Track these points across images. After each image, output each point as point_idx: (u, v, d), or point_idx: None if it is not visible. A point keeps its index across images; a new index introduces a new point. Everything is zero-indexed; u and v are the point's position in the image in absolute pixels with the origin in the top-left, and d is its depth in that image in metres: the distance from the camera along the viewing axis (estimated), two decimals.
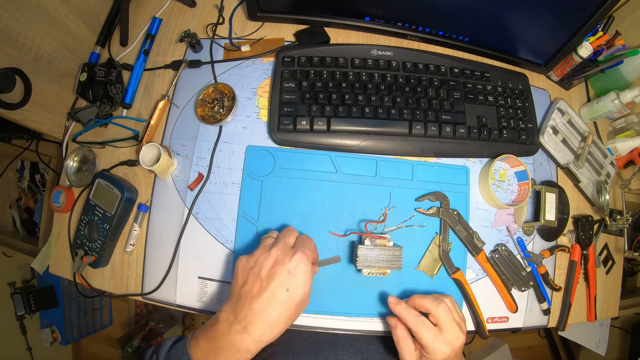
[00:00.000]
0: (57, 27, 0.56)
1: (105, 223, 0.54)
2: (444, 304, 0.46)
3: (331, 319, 0.53)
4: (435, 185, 0.58)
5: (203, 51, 0.63)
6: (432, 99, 0.59)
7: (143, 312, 1.48)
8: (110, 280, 0.56)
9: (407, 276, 0.55)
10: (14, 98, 0.51)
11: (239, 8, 0.66)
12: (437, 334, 0.44)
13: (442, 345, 0.44)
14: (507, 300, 0.56)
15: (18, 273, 1.21)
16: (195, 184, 0.56)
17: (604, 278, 0.65)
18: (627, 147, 0.66)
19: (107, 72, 0.58)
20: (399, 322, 0.47)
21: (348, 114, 0.57)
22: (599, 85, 0.71)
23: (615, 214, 0.62)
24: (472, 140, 0.59)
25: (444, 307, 0.45)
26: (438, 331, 0.44)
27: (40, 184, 1.15)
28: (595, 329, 1.10)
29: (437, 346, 0.43)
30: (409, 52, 0.62)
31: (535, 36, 0.61)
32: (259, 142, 0.58)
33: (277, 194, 0.56)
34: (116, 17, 0.65)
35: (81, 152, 0.59)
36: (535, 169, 0.63)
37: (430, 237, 0.57)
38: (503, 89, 0.62)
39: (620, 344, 1.25)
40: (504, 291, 0.56)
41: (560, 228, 0.59)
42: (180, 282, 0.54)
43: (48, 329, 1.21)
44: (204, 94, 0.59)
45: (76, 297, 1.27)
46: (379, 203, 0.57)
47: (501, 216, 0.60)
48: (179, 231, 0.55)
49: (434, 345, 0.43)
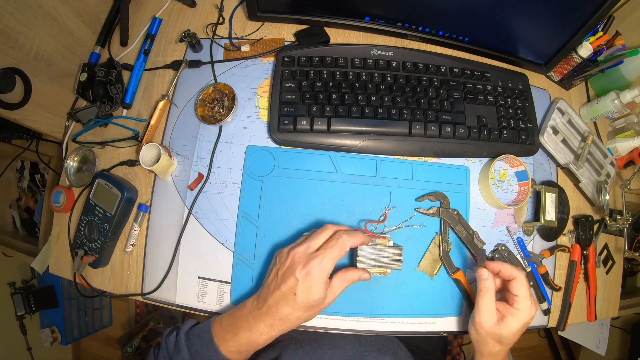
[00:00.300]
0: (57, 27, 0.56)
1: (105, 223, 0.54)
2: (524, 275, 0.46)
3: (331, 319, 0.53)
4: (435, 185, 0.58)
5: (203, 51, 0.63)
6: (432, 99, 0.59)
7: (143, 312, 1.48)
8: (110, 280, 0.56)
9: (407, 276, 0.55)
10: (14, 98, 0.51)
11: (239, 8, 0.66)
12: (531, 293, 0.44)
13: (532, 307, 0.44)
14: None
15: (18, 273, 1.21)
16: (195, 184, 0.56)
17: (604, 278, 0.65)
18: (627, 147, 0.66)
19: (107, 72, 0.58)
20: (490, 275, 0.46)
21: (348, 114, 0.57)
22: (599, 85, 0.71)
23: (615, 214, 0.62)
24: (472, 140, 0.59)
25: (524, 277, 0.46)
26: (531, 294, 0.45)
27: (40, 184, 1.15)
28: (595, 329, 1.10)
29: (530, 304, 0.44)
30: (409, 52, 0.62)
31: (535, 36, 0.61)
32: (259, 142, 0.58)
33: (277, 194, 0.56)
34: (116, 17, 0.65)
35: (81, 152, 0.59)
36: (535, 169, 0.63)
37: (430, 237, 0.57)
38: (503, 89, 0.62)
39: (620, 344, 1.25)
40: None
41: (560, 228, 0.59)
42: (180, 282, 0.54)
43: (48, 329, 1.21)
44: (204, 94, 0.59)
45: (76, 297, 1.27)
46: (379, 203, 0.57)
47: (501, 216, 0.60)
48: (179, 231, 0.55)
49: (527, 300, 0.44)
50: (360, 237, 0.46)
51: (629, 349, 1.21)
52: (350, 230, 0.47)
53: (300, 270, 0.41)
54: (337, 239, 0.44)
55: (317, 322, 0.53)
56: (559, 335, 1.48)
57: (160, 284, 0.54)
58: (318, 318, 0.53)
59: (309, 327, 0.53)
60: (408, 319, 0.54)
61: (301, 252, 0.43)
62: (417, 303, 0.55)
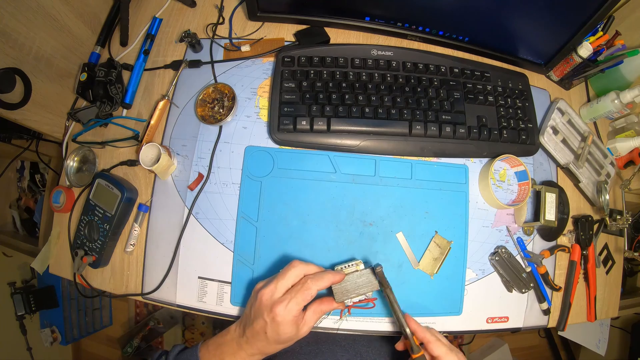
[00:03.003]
0: (57, 27, 0.56)
1: (105, 223, 0.54)
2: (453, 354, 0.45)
3: (331, 319, 0.53)
4: (434, 184, 0.58)
5: (203, 51, 0.63)
6: (432, 99, 0.59)
7: (143, 312, 1.48)
8: (110, 280, 0.56)
9: (407, 275, 0.55)
10: (14, 98, 0.51)
11: (239, 8, 0.66)
12: (451, 350, 0.45)
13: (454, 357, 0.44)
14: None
15: (18, 273, 1.21)
16: (195, 184, 0.56)
17: (604, 278, 0.65)
18: (627, 147, 0.66)
19: (107, 72, 0.58)
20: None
21: (348, 114, 0.57)
22: (599, 85, 0.71)
23: (615, 214, 0.62)
24: (472, 140, 0.59)
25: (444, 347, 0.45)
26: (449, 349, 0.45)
27: (40, 184, 1.15)
28: (595, 329, 1.10)
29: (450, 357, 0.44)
30: (409, 52, 0.62)
31: (535, 36, 0.61)
32: (259, 142, 0.58)
33: (276, 194, 0.56)
34: (116, 17, 0.65)
35: (81, 152, 0.59)
36: (535, 169, 0.63)
37: (430, 236, 0.57)
38: (503, 89, 0.62)
39: (620, 344, 1.25)
40: None
41: (560, 228, 0.59)
42: (180, 282, 0.54)
43: (48, 329, 1.21)
44: (204, 94, 0.59)
45: (76, 297, 1.26)
46: (378, 203, 0.57)
47: (501, 216, 0.60)
48: (179, 231, 0.55)
49: (448, 358, 0.44)
50: (328, 278, 0.44)
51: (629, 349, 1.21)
52: (317, 273, 0.45)
53: (268, 315, 0.42)
54: (303, 284, 0.43)
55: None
56: (559, 335, 1.48)
57: (160, 284, 0.54)
58: None
59: None
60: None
61: (268, 296, 0.43)
62: (417, 302, 0.55)
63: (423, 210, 0.57)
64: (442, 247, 0.56)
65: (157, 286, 0.54)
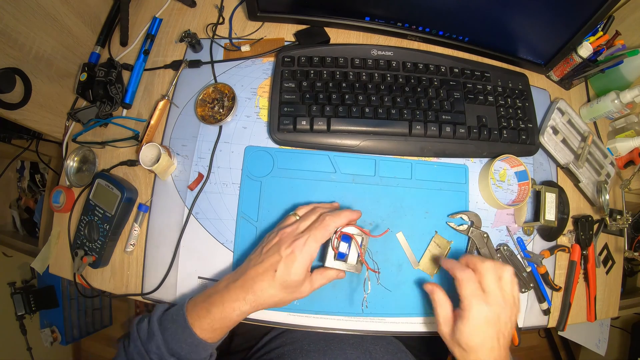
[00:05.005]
0: (57, 27, 0.56)
1: (105, 223, 0.54)
2: (491, 264, 0.41)
3: (331, 319, 0.53)
4: (434, 184, 0.58)
5: (203, 51, 0.63)
6: (432, 98, 0.59)
7: (143, 312, 1.47)
8: (110, 280, 0.56)
9: (407, 275, 0.55)
10: (14, 98, 0.51)
11: (239, 8, 0.66)
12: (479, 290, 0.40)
13: (480, 303, 0.39)
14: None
15: (18, 273, 1.21)
16: (195, 184, 0.56)
17: (604, 278, 0.65)
18: (627, 147, 0.66)
19: (107, 72, 0.58)
20: (435, 286, 0.46)
21: (348, 114, 0.57)
22: (599, 85, 0.71)
23: (615, 214, 0.62)
24: (472, 140, 0.59)
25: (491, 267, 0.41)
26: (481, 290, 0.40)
27: (40, 184, 1.15)
28: (595, 329, 1.10)
29: (475, 302, 0.39)
30: (409, 52, 0.62)
31: (535, 36, 0.61)
32: (259, 142, 0.58)
33: (276, 194, 0.56)
34: (116, 17, 0.65)
35: (81, 152, 0.59)
36: (535, 169, 0.63)
37: (430, 235, 0.57)
38: (503, 89, 0.62)
39: (620, 344, 1.25)
40: None
41: (560, 228, 0.59)
42: (180, 282, 0.54)
43: (48, 329, 1.21)
44: (204, 94, 0.59)
45: (76, 297, 1.26)
46: (378, 202, 0.57)
47: (501, 216, 0.60)
48: (179, 231, 0.55)
49: (471, 299, 0.39)
50: (345, 215, 0.45)
51: (629, 349, 1.21)
52: (335, 210, 0.47)
53: (286, 249, 0.42)
54: (321, 221, 0.44)
55: (316, 322, 0.53)
56: (559, 335, 1.48)
57: (160, 284, 0.54)
58: (318, 318, 0.53)
59: (308, 327, 0.53)
60: (408, 319, 0.54)
61: (289, 231, 0.44)
62: (417, 302, 0.55)
63: (423, 210, 0.57)
64: (442, 247, 0.56)
65: (157, 286, 0.54)
